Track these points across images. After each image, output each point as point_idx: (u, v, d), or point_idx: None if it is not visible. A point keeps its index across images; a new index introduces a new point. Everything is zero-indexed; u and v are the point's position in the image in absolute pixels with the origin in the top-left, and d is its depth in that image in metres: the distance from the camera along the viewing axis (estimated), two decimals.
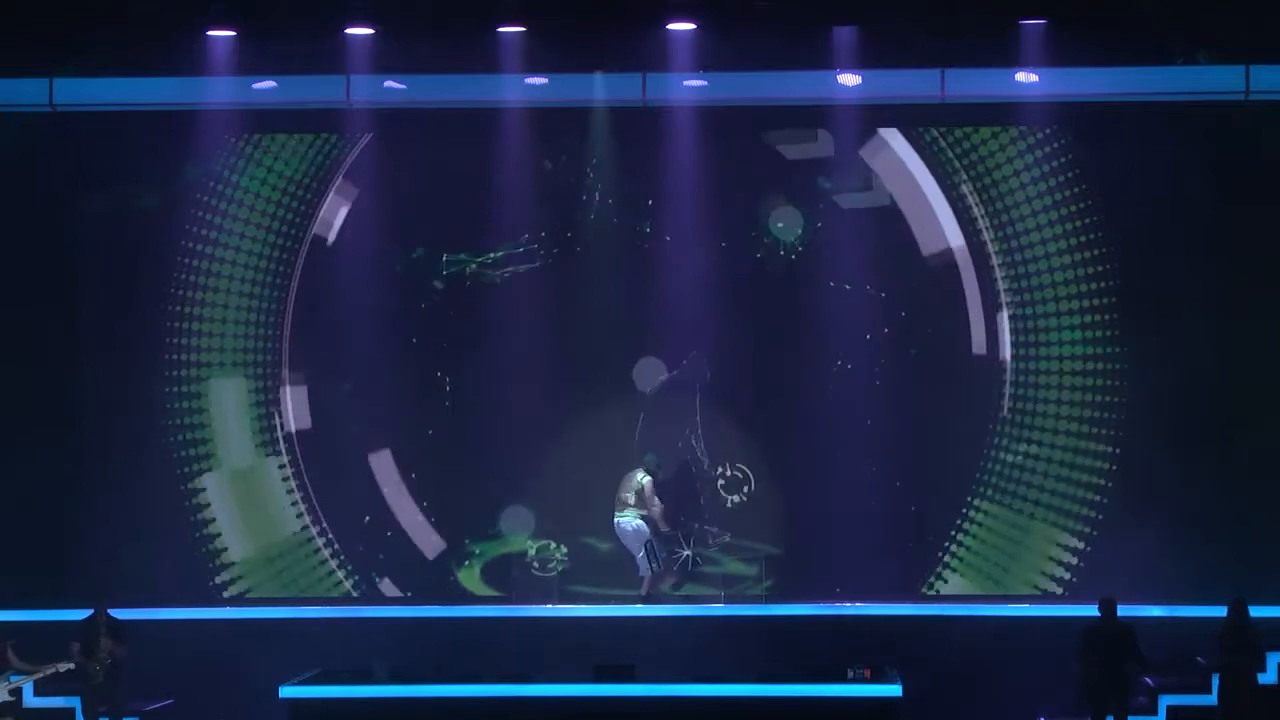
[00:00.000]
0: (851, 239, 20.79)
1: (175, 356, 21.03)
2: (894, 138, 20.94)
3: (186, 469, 20.94)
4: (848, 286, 20.80)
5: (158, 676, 19.05)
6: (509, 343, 20.88)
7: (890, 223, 20.84)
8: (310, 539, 20.94)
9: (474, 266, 20.91)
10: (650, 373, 20.91)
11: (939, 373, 20.79)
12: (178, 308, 21.04)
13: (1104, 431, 20.59)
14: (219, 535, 20.91)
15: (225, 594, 20.78)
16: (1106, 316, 20.66)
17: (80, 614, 18.92)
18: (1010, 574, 20.64)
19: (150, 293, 21.00)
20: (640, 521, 20.21)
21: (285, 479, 21.01)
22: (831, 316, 20.81)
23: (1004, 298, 20.81)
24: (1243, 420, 20.21)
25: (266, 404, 21.10)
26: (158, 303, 21.01)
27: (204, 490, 20.94)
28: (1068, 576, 20.47)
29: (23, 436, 20.52)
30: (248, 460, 21.01)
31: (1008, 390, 20.77)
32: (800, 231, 20.90)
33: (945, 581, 20.66)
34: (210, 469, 20.97)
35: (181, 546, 20.75)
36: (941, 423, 20.71)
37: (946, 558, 20.66)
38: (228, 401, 21.06)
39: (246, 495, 20.98)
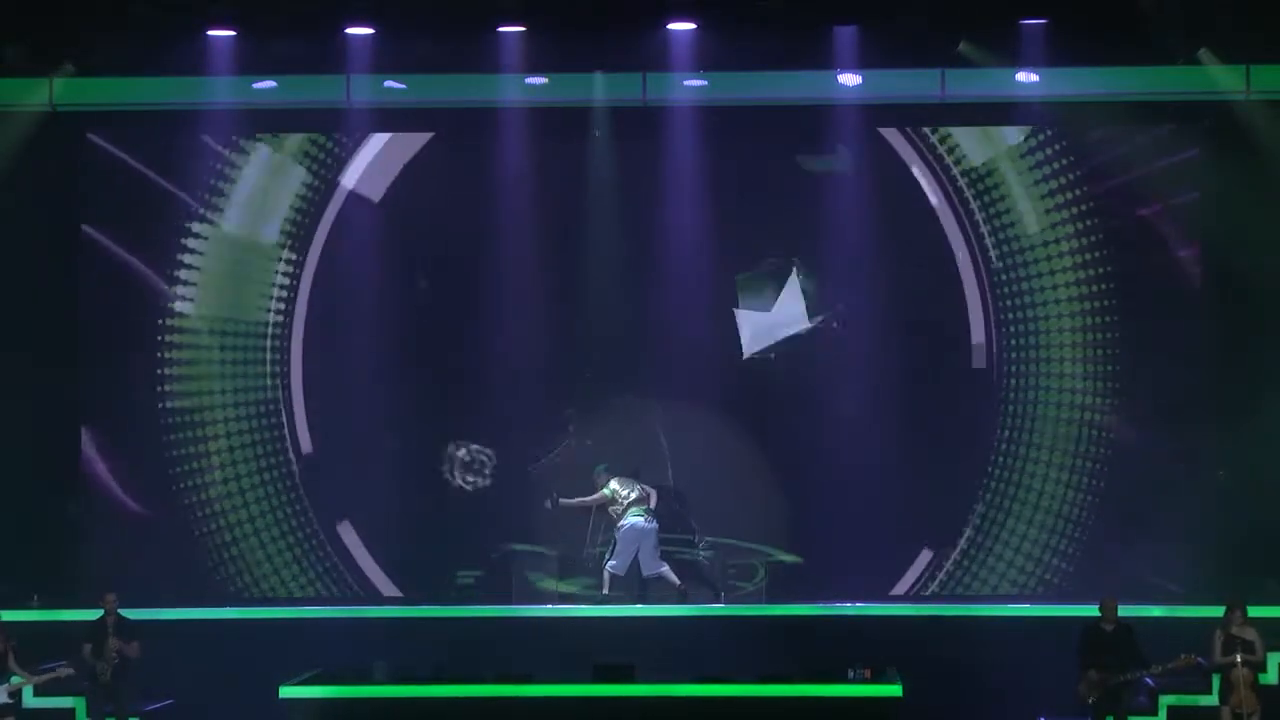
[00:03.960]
0: (851, 238, 20.79)
1: (169, 354, 21.06)
2: (894, 137, 20.99)
3: (187, 464, 21.00)
4: (847, 285, 20.81)
5: (158, 676, 19.03)
6: (508, 341, 20.93)
7: (890, 221, 20.83)
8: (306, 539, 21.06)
9: None
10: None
11: (939, 371, 20.81)
12: (177, 306, 21.06)
13: (1102, 431, 20.60)
14: (219, 533, 20.99)
15: (226, 591, 20.87)
16: (1107, 316, 20.67)
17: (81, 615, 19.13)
18: (1007, 576, 20.67)
19: (150, 292, 21.01)
20: (653, 521, 20.25)
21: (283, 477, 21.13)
22: (831, 315, 20.83)
23: (1004, 297, 20.82)
24: (1243, 419, 20.22)
25: (268, 404, 21.15)
26: (158, 302, 21.03)
27: (206, 490, 21.00)
28: (1066, 577, 20.50)
29: (23, 437, 20.51)
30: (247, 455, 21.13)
31: (1007, 388, 20.77)
32: (800, 230, 20.89)
33: (945, 583, 20.71)
34: (211, 471, 21.03)
35: (184, 548, 20.83)
36: (941, 422, 20.74)
37: (946, 561, 20.71)
38: (227, 399, 21.12)
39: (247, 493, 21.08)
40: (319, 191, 21.18)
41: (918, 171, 20.96)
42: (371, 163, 21.13)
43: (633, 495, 20.23)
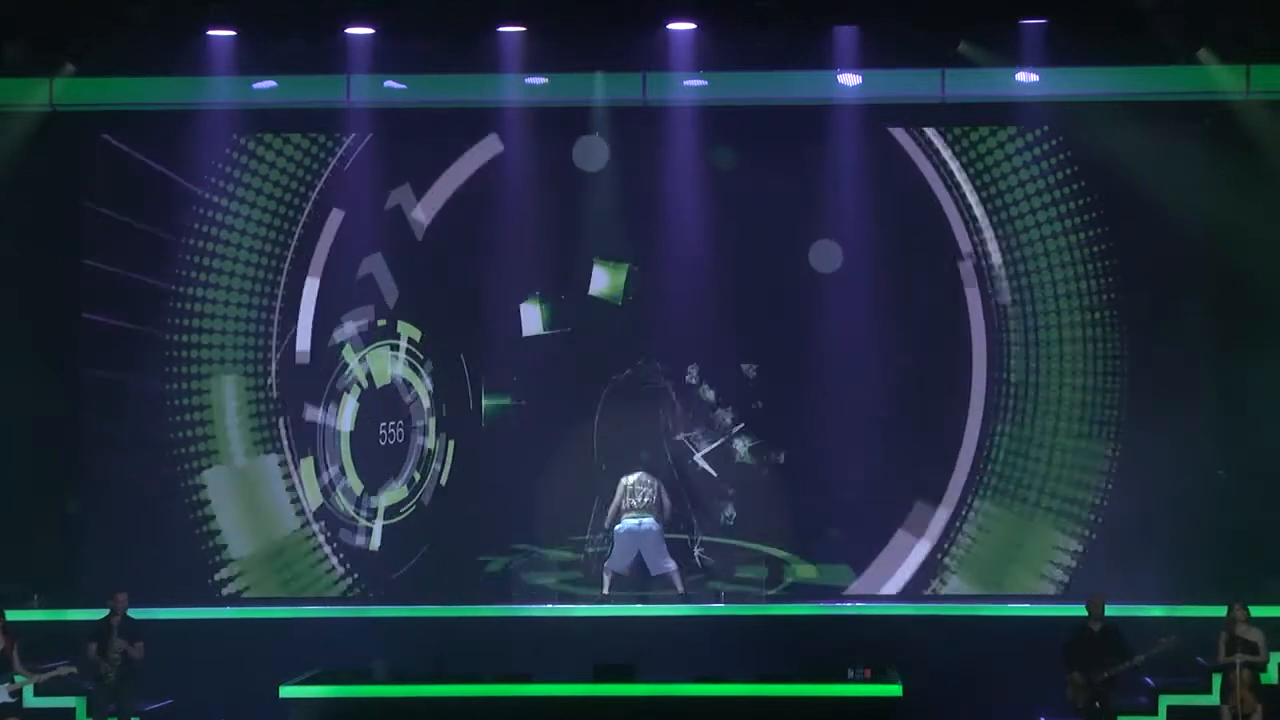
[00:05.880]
0: (851, 238, 20.79)
1: (176, 354, 21.09)
2: (893, 137, 21.00)
3: (188, 465, 20.99)
4: (848, 286, 20.82)
5: (158, 676, 19.04)
6: (506, 337, 21.00)
7: (890, 222, 20.82)
8: (310, 536, 21.06)
9: None
10: None
11: (938, 371, 20.81)
12: (178, 304, 21.08)
13: (1104, 431, 20.60)
14: (219, 533, 20.96)
15: (225, 591, 20.85)
16: (1108, 317, 20.67)
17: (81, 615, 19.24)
18: (1008, 575, 20.67)
19: (150, 292, 21.02)
20: (657, 523, 20.28)
21: (285, 475, 21.09)
22: (832, 315, 20.82)
23: (1005, 297, 20.82)
24: (1243, 419, 20.22)
25: (267, 401, 21.16)
26: (158, 303, 21.04)
27: (205, 488, 20.97)
28: (1066, 577, 20.50)
29: (23, 437, 20.52)
30: (247, 456, 21.09)
31: (1008, 390, 20.77)
32: (801, 230, 20.88)
33: (944, 583, 20.70)
34: (211, 465, 21.01)
35: (182, 545, 20.83)
36: (942, 421, 20.75)
37: (945, 559, 20.69)
38: (228, 399, 21.11)
39: (247, 492, 21.03)
40: (318, 193, 21.18)
41: (918, 171, 20.94)
42: (368, 163, 21.15)
43: (638, 499, 20.26)
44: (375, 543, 21.00)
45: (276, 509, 21.06)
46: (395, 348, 21.13)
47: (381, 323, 21.07)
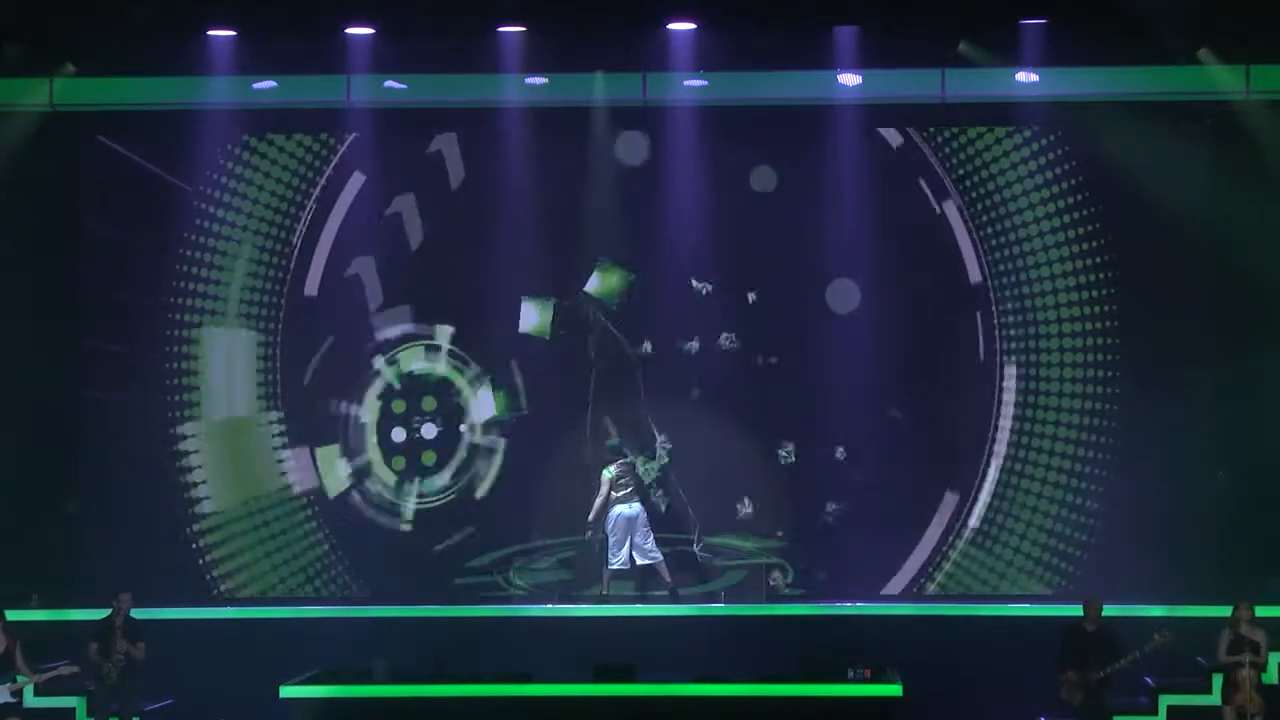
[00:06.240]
0: (851, 238, 20.79)
1: (175, 364, 21.11)
2: (893, 138, 21.00)
3: (173, 413, 21.06)
4: (848, 286, 20.83)
5: (158, 676, 19.04)
6: (507, 343, 21.05)
7: (890, 222, 20.82)
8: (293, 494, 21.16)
9: None
10: None
11: (935, 374, 20.81)
12: (176, 315, 21.10)
13: (1102, 433, 20.61)
14: (202, 480, 21.03)
15: (221, 588, 20.92)
16: (1106, 322, 20.68)
17: (79, 615, 19.28)
18: (1007, 576, 20.70)
19: (149, 295, 21.04)
20: (636, 505, 20.31)
21: (277, 434, 21.15)
22: (832, 315, 20.83)
23: (1004, 297, 20.82)
24: (1243, 419, 20.22)
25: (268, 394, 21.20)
26: (156, 308, 21.06)
27: (191, 437, 21.03)
28: (1064, 581, 20.54)
29: (23, 437, 20.52)
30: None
31: (1005, 393, 20.77)
32: (800, 229, 20.89)
33: (945, 582, 20.77)
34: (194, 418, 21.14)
35: (178, 544, 20.89)
36: (942, 421, 20.76)
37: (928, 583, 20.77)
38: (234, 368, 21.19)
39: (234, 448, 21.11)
40: (317, 188, 21.18)
41: (917, 170, 20.95)
42: (368, 164, 21.16)
43: (624, 489, 20.30)
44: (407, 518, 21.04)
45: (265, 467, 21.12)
46: (430, 348, 21.13)
47: (436, 332, 21.10)
